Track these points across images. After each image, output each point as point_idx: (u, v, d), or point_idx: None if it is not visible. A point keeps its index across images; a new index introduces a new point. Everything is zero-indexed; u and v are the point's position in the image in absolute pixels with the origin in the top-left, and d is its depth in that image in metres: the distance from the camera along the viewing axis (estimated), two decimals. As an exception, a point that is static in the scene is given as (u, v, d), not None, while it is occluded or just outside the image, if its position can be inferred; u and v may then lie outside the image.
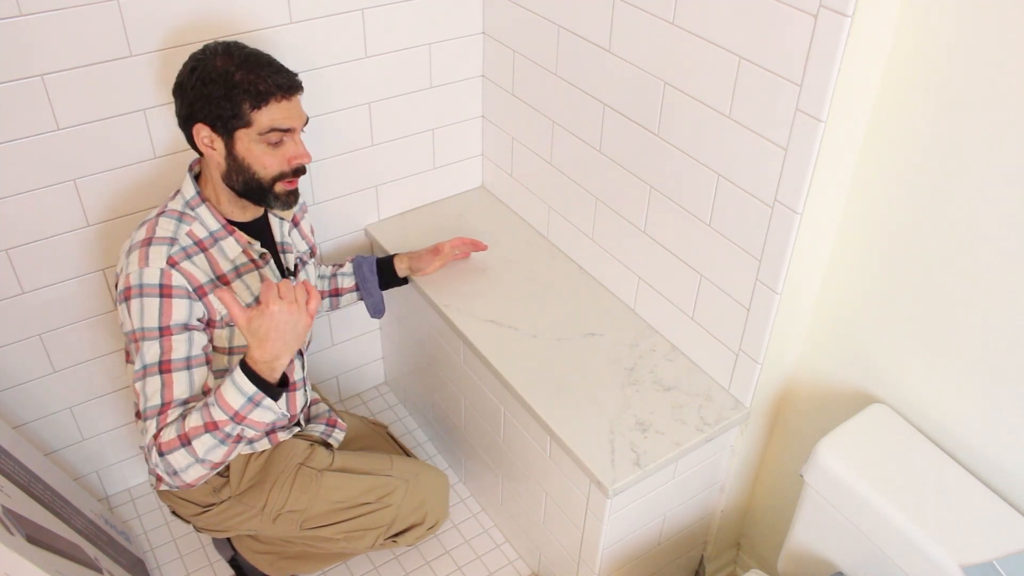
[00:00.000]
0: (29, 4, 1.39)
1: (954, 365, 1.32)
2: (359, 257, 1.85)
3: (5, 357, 1.70)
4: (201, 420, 1.29)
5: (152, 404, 1.33)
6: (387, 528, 1.68)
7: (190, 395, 1.35)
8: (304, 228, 1.68)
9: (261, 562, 1.78)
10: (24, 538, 1.37)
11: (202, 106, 1.35)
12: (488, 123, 2.07)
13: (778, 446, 1.74)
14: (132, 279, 1.34)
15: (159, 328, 1.33)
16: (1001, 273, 1.20)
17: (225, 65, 1.34)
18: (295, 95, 1.39)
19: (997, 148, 1.15)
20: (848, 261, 1.43)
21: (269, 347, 1.28)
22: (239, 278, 1.46)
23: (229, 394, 1.28)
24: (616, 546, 1.64)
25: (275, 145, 1.38)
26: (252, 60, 1.35)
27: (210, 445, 1.30)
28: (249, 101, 1.33)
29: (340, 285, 1.83)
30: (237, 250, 1.46)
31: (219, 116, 1.34)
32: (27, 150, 1.51)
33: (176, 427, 1.31)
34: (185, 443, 1.30)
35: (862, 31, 1.16)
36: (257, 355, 1.28)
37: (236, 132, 1.36)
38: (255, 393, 1.29)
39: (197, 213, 1.43)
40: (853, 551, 1.38)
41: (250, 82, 1.33)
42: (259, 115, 1.35)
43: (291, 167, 1.41)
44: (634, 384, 1.65)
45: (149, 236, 1.38)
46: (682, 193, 1.55)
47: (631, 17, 1.51)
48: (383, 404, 2.35)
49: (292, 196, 1.45)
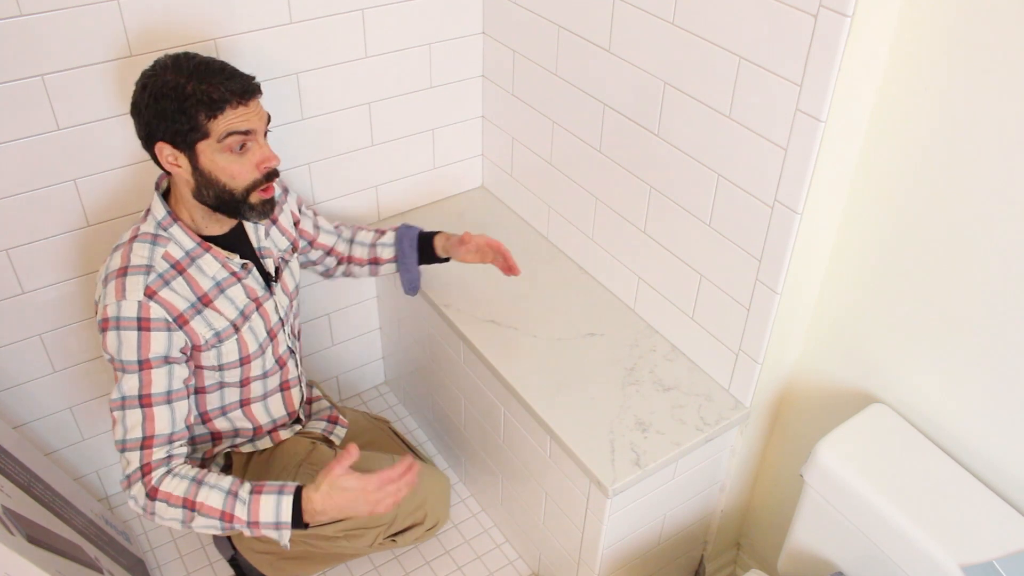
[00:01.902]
0: (29, 4, 1.39)
1: (954, 365, 1.32)
2: (403, 227, 1.76)
3: (5, 357, 1.70)
4: (220, 506, 1.30)
5: (133, 437, 1.33)
6: (387, 527, 1.68)
7: (172, 430, 1.36)
8: (284, 223, 1.61)
9: (261, 562, 1.78)
10: (24, 538, 1.37)
11: (159, 123, 1.30)
12: (488, 123, 2.07)
13: (778, 446, 1.74)
14: (110, 311, 1.32)
15: (138, 361, 1.32)
16: (1001, 273, 1.20)
17: (176, 78, 1.29)
18: (252, 99, 1.33)
19: (997, 148, 1.15)
20: (848, 261, 1.43)
21: (334, 508, 1.30)
22: (222, 294, 1.43)
23: (265, 507, 1.29)
24: (616, 546, 1.64)
25: (239, 153, 1.33)
26: (203, 69, 1.30)
27: (209, 525, 1.32)
28: (204, 111, 1.28)
29: (379, 255, 1.77)
30: (216, 266, 1.43)
31: (177, 131, 1.30)
32: (27, 150, 1.51)
33: (185, 487, 1.31)
34: (189, 508, 1.31)
35: (862, 31, 1.16)
36: (318, 503, 1.30)
37: (197, 145, 1.31)
38: (286, 523, 1.30)
39: (171, 233, 1.39)
40: (853, 551, 1.38)
41: (203, 92, 1.28)
42: (215, 124, 1.29)
43: (261, 172, 1.36)
44: (634, 384, 1.65)
45: (124, 265, 1.34)
46: (682, 193, 1.55)
47: (631, 17, 1.51)
48: (383, 404, 2.35)
49: (268, 205, 1.40)
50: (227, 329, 1.44)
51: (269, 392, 1.61)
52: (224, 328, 1.43)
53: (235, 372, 1.50)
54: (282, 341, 1.59)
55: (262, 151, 1.36)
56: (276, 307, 1.55)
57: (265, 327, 1.52)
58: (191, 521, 1.32)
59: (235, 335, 1.46)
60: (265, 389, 1.59)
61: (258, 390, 1.58)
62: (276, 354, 1.57)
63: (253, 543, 1.76)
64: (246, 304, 1.48)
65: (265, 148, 1.36)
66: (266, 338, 1.53)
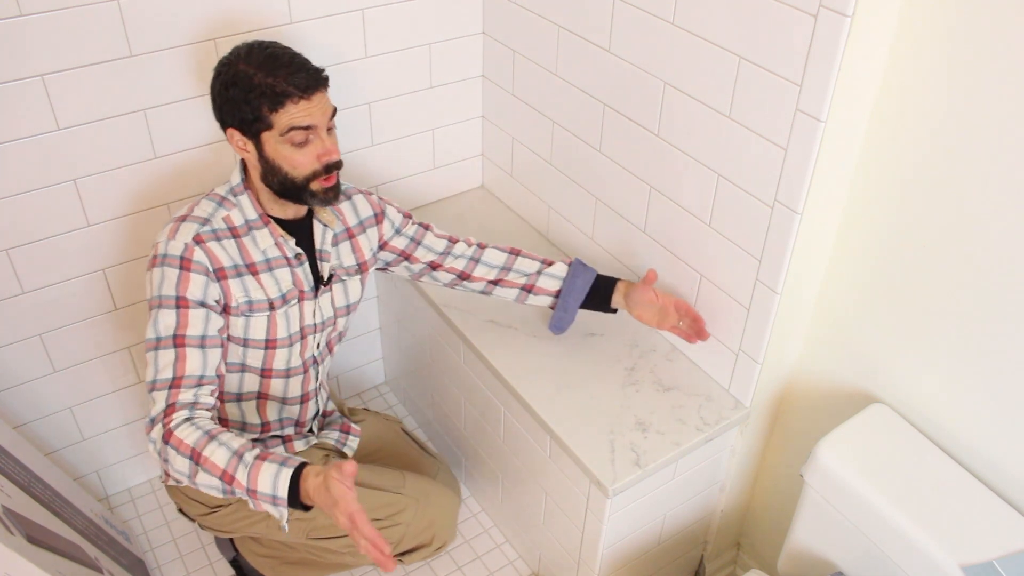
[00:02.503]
0: (29, 4, 1.39)
1: (954, 365, 1.32)
2: (578, 264, 1.67)
3: (5, 357, 1.70)
4: (223, 464, 1.27)
5: (164, 377, 1.33)
6: (394, 546, 1.67)
7: (202, 374, 1.35)
8: (362, 243, 1.60)
9: (263, 565, 1.78)
10: (24, 538, 1.37)
11: (229, 111, 1.36)
12: (488, 123, 2.07)
13: (778, 446, 1.74)
14: (159, 248, 1.38)
15: (176, 297, 1.35)
16: (1001, 273, 1.20)
17: (245, 69, 1.34)
18: (315, 93, 1.36)
19: (997, 148, 1.15)
20: (848, 261, 1.43)
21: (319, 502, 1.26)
22: (270, 271, 1.46)
23: (264, 476, 1.26)
24: (616, 546, 1.64)
25: (301, 145, 1.37)
26: (271, 61, 1.34)
27: (211, 484, 1.30)
28: (267, 104, 1.33)
29: (540, 285, 1.68)
30: (269, 241, 1.46)
31: (243, 120, 1.35)
32: (27, 150, 1.51)
33: (196, 437, 1.29)
34: (194, 461, 1.28)
35: (862, 31, 1.16)
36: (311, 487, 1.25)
37: (261, 135, 1.36)
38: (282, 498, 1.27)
39: (238, 200, 1.44)
40: (853, 551, 1.38)
41: (267, 85, 1.32)
42: (278, 117, 1.34)
43: (322, 164, 1.39)
44: (634, 384, 1.65)
45: (186, 214, 1.41)
46: (682, 193, 1.55)
47: (631, 17, 1.51)
48: (383, 404, 2.35)
49: (331, 192, 1.43)
50: (262, 302, 1.45)
51: (289, 396, 1.59)
52: (259, 301, 1.45)
53: (258, 354, 1.49)
54: (311, 346, 1.57)
55: (323, 144, 1.38)
56: (316, 311, 1.54)
57: (299, 323, 1.52)
58: (195, 476, 1.28)
59: (268, 312, 1.46)
60: (286, 390, 1.58)
61: (278, 388, 1.57)
62: (303, 356, 1.56)
63: (255, 546, 1.76)
64: (290, 289, 1.49)
65: (327, 141, 1.39)
66: (297, 333, 1.52)
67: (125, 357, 1.86)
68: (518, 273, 1.69)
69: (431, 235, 1.68)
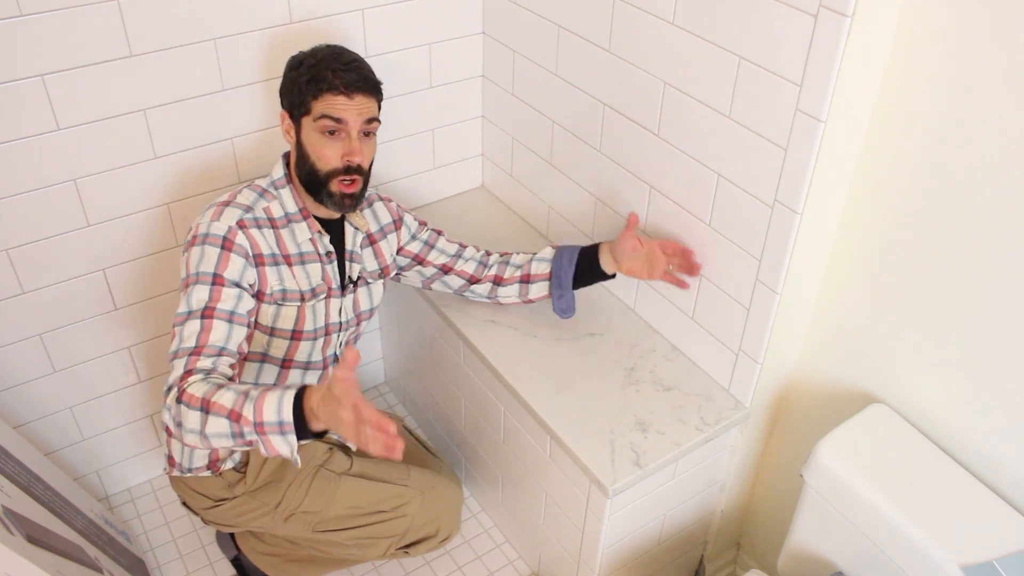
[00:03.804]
0: (29, 4, 1.39)
1: (954, 365, 1.32)
2: (562, 246, 1.69)
3: (5, 357, 1.70)
4: (230, 404, 1.24)
5: (187, 346, 1.32)
6: (399, 538, 1.68)
7: (224, 346, 1.34)
8: (383, 248, 1.64)
9: (265, 563, 1.78)
10: (24, 538, 1.37)
11: (285, 91, 1.44)
12: (488, 123, 2.07)
13: (778, 446, 1.74)
14: (201, 228, 1.40)
15: (213, 274, 1.36)
16: (1001, 273, 1.20)
17: (308, 58, 1.41)
18: (357, 94, 1.39)
19: (997, 148, 1.15)
20: (848, 261, 1.43)
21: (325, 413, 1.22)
22: (302, 264, 1.49)
23: (269, 405, 1.24)
24: (616, 546, 1.64)
25: (331, 137, 1.40)
26: (332, 57, 1.40)
27: (220, 430, 1.25)
28: (311, 90, 1.38)
29: (532, 271, 1.68)
30: (306, 235, 1.48)
31: (291, 103, 1.42)
32: (27, 150, 1.51)
33: (206, 389, 1.26)
34: (204, 410, 1.25)
35: (862, 31, 1.16)
36: (314, 401, 1.23)
37: (302, 119, 1.41)
38: (288, 423, 1.24)
39: (279, 193, 1.48)
40: (853, 551, 1.38)
41: (316, 71, 1.38)
42: (316, 103, 1.39)
43: (343, 163, 1.41)
44: (634, 384, 1.65)
45: (229, 199, 1.44)
46: (682, 193, 1.55)
47: (631, 17, 1.51)
48: (383, 404, 2.35)
49: (347, 199, 1.44)
50: (294, 292, 1.48)
51: None
52: (292, 290, 1.47)
53: (283, 344, 1.51)
54: (334, 343, 1.60)
55: (351, 143, 1.41)
56: (341, 310, 1.57)
57: (325, 319, 1.55)
58: (205, 426, 1.24)
59: (299, 303, 1.49)
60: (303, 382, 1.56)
61: (295, 380, 1.57)
62: (324, 352, 1.59)
63: (257, 544, 1.76)
64: (319, 284, 1.51)
65: (355, 142, 1.41)
66: (323, 328, 1.55)
67: (125, 357, 1.86)
68: (514, 267, 1.70)
69: (443, 240, 1.72)
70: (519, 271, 1.69)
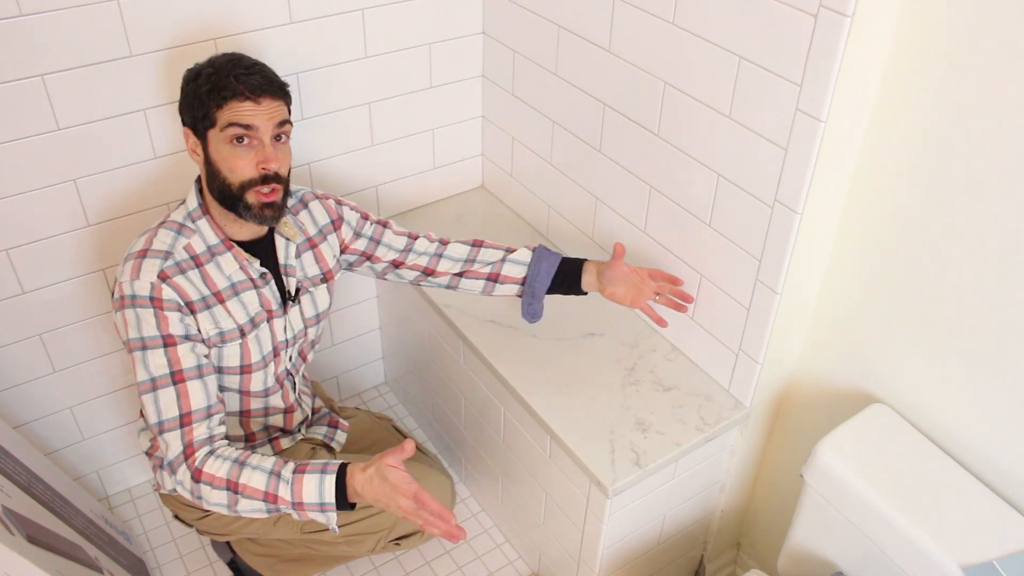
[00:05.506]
0: (29, 4, 1.39)
1: (954, 365, 1.32)
2: (542, 249, 1.62)
3: (5, 357, 1.70)
4: (263, 487, 1.27)
5: (169, 417, 1.31)
6: (388, 532, 1.67)
7: (209, 404, 1.34)
8: (324, 251, 1.56)
9: (260, 564, 1.78)
10: (24, 538, 1.37)
11: (185, 108, 1.35)
12: (488, 123, 2.07)
13: (778, 446, 1.74)
14: (124, 289, 1.33)
15: (161, 336, 1.32)
16: (1001, 273, 1.20)
17: (205, 68, 1.33)
18: (263, 97, 1.31)
19: (997, 148, 1.15)
20: (848, 261, 1.43)
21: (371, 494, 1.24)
22: (236, 296, 1.42)
23: (309, 487, 1.25)
24: (616, 546, 1.64)
25: (241, 146, 1.31)
26: (230, 64, 1.32)
27: (254, 508, 1.29)
28: (213, 99, 1.30)
29: (503, 272, 1.62)
30: (234, 266, 1.42)
31: (193, 117, 1.33)
32: (27, 150, 1.51)
33: (228, 468, 1.29)
34: (232, 490, 1.28)
35: (862, 31, 1.16)
36: (359, 483, 1.24)
37: (208, 133, 1.32)
38: (330, 503, 1.26)
39: (198, 226, 1.39)
40: (853, 551, 1.38)
41: (216, 80, 1.30)
42: (221, 113, 1.30)
43: (259, 172, 1.33)
44: (634, 384, 1.65)
45: (145, 248, 1.36)
46: (682, 193, 1.55)
47: (631, 17, 1.51)
48: (383, 404, 2.35)
49: (267, 210, 1.35)
50: (232, 332, 1.42)
51: (271, 410, 1.58)
52: (230, 330, 1.42)
53: (234, 379, 1.48)
54: (283, 361, 1.55)
55: (264, 151, 1.33)
56: (286, 327, 1.52)
57: (271, 342, 1.50)
58: (236, 504, 1.29)
59: (240, 340, 1.43)
60: (267, 406, 1.57)
61: (259, 405, 1.55)
62: (275, 372, 1.54)
63: (252, 546, 1.76)
64: (258, 312, 1.45)
65: (268, 148, 1.33)
66: (270, 353, 1.50)
67: (125, 357, 1.86)
68: (482, 263, 1.63)
69: (390, 232, 1.62)
70: (488, 268, 1.63)
